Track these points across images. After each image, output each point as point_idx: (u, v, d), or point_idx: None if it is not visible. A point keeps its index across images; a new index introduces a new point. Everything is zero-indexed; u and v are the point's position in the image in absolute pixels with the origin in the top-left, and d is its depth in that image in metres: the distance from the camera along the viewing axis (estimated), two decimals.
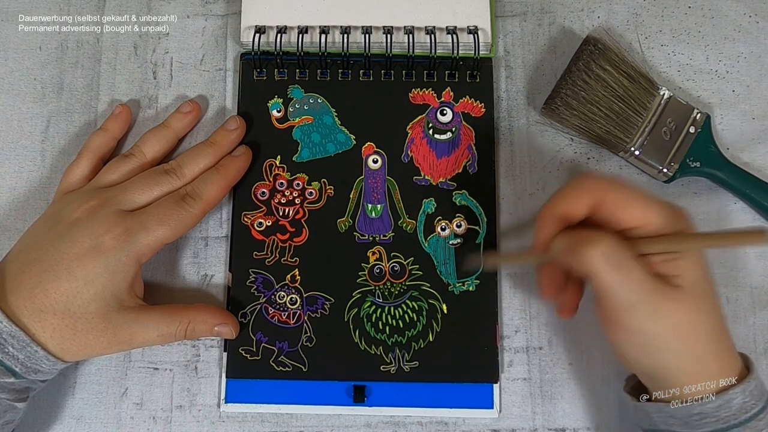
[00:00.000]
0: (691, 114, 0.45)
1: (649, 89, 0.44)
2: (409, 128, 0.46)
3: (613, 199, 0.36)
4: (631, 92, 0.44)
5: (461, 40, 0.45)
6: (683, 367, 0.36)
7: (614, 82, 0.44)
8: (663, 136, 0.44)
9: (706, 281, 0.36)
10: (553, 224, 0.38)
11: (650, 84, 0.45)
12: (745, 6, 0.48)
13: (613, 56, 0.44)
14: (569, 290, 0.40)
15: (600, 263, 0.34)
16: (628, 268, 0.35)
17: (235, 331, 0.43)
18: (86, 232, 0.39)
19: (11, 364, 0.37)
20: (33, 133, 0.47)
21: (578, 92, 0.44)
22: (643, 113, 0.44)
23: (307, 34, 0.46)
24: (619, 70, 0.44)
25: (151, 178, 0.42)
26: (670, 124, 0.44)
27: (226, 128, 0.45)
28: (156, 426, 0.43)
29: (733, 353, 0.37)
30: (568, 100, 0.44)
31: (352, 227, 0.45)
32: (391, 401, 0.43)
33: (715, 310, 0.36)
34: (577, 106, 0.44)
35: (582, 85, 0.44)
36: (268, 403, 0.43)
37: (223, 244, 0.45)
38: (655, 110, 0.44)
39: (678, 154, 0.44)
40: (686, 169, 0.44)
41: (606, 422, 0.43)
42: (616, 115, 0.44)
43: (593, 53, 0.44)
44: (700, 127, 0.44)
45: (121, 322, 0.39)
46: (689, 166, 0.44)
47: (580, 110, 0.44)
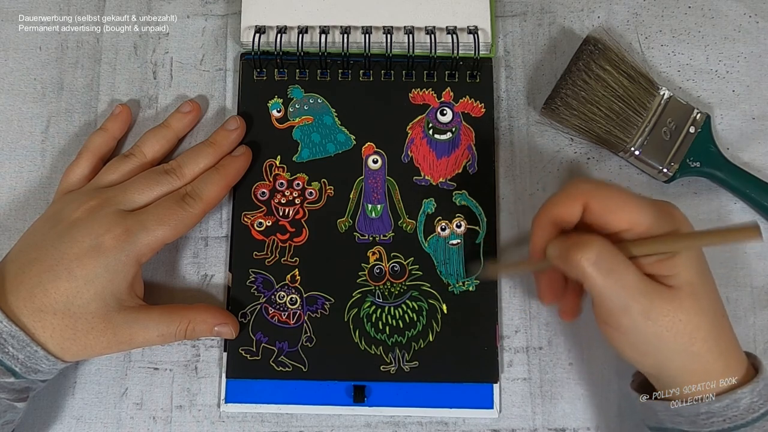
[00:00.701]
0: (691, 114, 0.45)
1: (649, 89, 0.44)
2: (409, 128, 0.46)
3: (601, 202, 0.36)
4: (631, 92, 0.44)
5: (461, 40, 0.45)
6: (684, 366, 0.36)
7: (614, 82, 0.44)
8: (663, 136, 0.44)
9: (703, 280, 0.36)
10: (546, 230, 0.38)
11: (650, 84, 0.45)
12: (745, 6, 0.48)
13: (613, 56, 0.44)
14: (569, 293, 0.40)
15: (590, 268, 0.34)
16: (618, 272, 0.35)
17: (235, 331, 0.43)
18: (86, 232, 0.39)
19: (11, 364, 0.37)
20: (33, 133, 0.47)
21: (578, 92, 0.44)
22: (643, 113, 0.44)
23: (307, 34, 0.46)
24: (619, 70, 0.44)
25: (151, 178, 0.42)
26: (670, 124, 0.44)
27: (226, 128, 0.45)
28: (156, 426, 0.43)
29: (737, 352, 0.37)
30: (568, 100, 0.44)
31: (352, 227, 0.45)
32: (391, 401, 0.43)
33: (714, 309, 0.36)
34: (577, 106, 0.44)
35: (582, 85, 0.44)
36: (268, 403, 0.43)
37: (223, 244, 0.45)
38: (655, 110, 0.44)
39: (678, 154, 0.44)
40: (686, 169, 0.44)
41: (606, 422, 0.43)
42: (616, 115, 0.44)
43: (593, 53, 0.44)
44: (700, 127, 0.44)
45: (121, 322, 0.39)
46: (689, 166, 0.44)
47: (580, 110, 0.44)
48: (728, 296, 0.45)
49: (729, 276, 0.45)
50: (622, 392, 0.43)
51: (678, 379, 0.36)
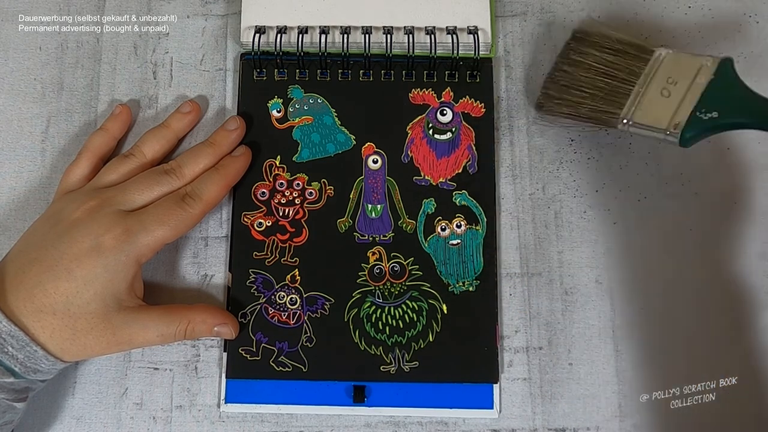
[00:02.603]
0: (697, 64, 0.40)
1: (640, 55, 0.42)
2: (409, 128, 0.46)
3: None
4: (616, 65, 0.42)
5: (461, 40, 0.45)
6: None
7: (595, 61, 0.43)
8: (661, 95, 0.40)
9: None
10: None
11: (641, 50, 0.42)
12: (745, 6, 0.48)
13: (595, 39, 0.44)
14: None
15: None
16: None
17: (234, 331, 0.43)
18: (86, 233, 0.39)
19: (11, 364, 0.37)
20: (33, 133, 0.47)
21: (558, 81, 0.44)
22: (632, 80, 0.42)
23: (307, 34, 0.46)
24: (603, 48, 0.43)
25: (150, 178, 0.42)
26: (669, 81, 0.40)
27: (226, 128, 0.45)
28: (156, 426, 0.43)
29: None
30: (549, 93, 0.44)
31: (352, 227, 0.45)
32: (391, 401, 0.43)
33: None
34: (560, 94, 0.44)
35: (561, 75, 0.44)
36: (268, 404, 0.43)
37: (223, 244, 0.45)
38: (648, 74, 0.42)
39: (682, 110, 0.39)
40: (699, 124, 0.39)
41: (606, 422, 0.43)
42: (601, 91, 0.42)
43: (570, 43, 0.44)
44: (713, 73, 0.40)
45: (121, 323, 0.39)
46: (702, 120, 0.39)
47: (563, 97, 0.43)
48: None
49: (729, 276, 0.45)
50: (622, 392, 0.43)
51: None
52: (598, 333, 0.44)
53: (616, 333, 0.44)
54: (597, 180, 0.46)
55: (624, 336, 0.44)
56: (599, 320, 0.44)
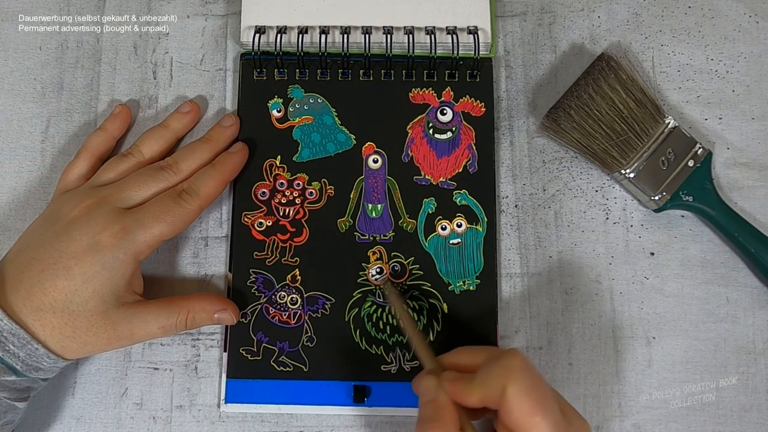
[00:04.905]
0: (693, 147, 0.44)
1: (655, 115, 0.44)
2: (409, 128, 0.46)
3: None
4: (636, 115, 0.44)
5: (461, 40, 0.45)
6: None
7: (621, 102, 0.44)
8: (660, 164, 0.44)
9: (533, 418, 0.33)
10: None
11: (657, 110, 0.44)
12: (745, 6, 0.48)
13: (624, 76, 0.44)
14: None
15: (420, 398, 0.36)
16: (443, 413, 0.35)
17: (235, 316, 0.43)
18: (84, 231, 0.39)
19: (12, 362, 0.37)
20: (33, 133, 0.47)
21: (582, 106, 0.44)
22: (644, 138, 0.44)
23: (307, 34, 0.46)
24: (628, 91, 0.44)
25: (147, 175, 0.42)
26: (670, 154, 0.44)
27: (222, 125, 0.45)
28: (156, 426, 0.43)
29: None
30: (570, 112, 0.44)
31: (353, 227, 0.45)
32: (392, 401, 0.43)
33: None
34: (579, 119, 0.44)
35: (587, 99, 0.43)
36: (269, 403, 0.43)
37: (223, 244, 0.45)
38: (657, 138, 0.44)
39: (671, 185, 0.44)
40: (677, 201, 0.44)
41: (606, 422, 0.43)
42: (617, 136, 0.44)
43: (604, 70, 0.44)
44: (700, 162, 0.44)
45: (121, 318, 0.39)
46: (681, 199, 0.44)
47: (581, 124, 0.44)
48: (728, 296, 0.45)
49: (729, 276, 0.45)
50: (622, 392, 0.43)
51: None
52: (598, 333, 0.44)
53: (616, 333, 0.44)
54: (597, 180, 0.46)
55: (624, 336, 0.44)
56: (599, 320, 0.44)
